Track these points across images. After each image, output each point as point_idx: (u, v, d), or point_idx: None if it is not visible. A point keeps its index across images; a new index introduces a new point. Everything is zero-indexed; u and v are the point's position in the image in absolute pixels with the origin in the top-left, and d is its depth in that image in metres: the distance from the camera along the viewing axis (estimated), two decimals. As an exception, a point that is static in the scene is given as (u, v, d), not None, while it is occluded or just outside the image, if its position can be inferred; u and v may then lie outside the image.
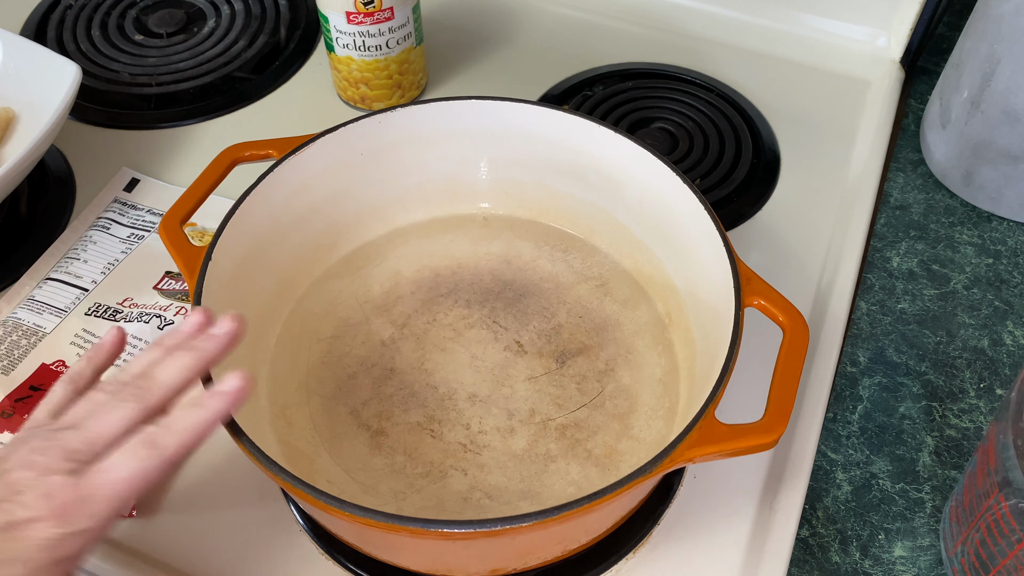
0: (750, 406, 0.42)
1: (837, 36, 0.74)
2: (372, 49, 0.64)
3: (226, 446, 0.51)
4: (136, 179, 0.64)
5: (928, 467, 0.52)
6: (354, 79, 0.68)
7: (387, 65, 0.66)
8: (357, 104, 0.70)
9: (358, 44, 0.64)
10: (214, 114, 0.70)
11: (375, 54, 0.65)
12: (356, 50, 0.65)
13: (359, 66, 0.66)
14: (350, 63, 0.66)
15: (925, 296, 0.60)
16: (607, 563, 0.47)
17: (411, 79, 0.69)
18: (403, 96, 0.69)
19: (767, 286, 0.45)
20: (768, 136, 0.68)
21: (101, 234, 0.60)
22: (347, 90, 0.69)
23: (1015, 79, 0.58)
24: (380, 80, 0.67)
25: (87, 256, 0.58)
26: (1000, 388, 0.55)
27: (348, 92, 0.69)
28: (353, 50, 0.65)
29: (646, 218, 0.54)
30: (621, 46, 0.75)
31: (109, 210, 0.62)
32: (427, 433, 0.49)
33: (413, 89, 0.70)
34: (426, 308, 0.55)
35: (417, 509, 0.46)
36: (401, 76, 0.68)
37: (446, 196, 0.58)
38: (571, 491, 0.47)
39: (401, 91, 0.69)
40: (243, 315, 0.40)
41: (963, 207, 0.65)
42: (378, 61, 0.66)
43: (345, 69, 0.67)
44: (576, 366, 0.52)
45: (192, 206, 0.49)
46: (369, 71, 0.66)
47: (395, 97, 0.69)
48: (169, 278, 0.56)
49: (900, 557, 0.48)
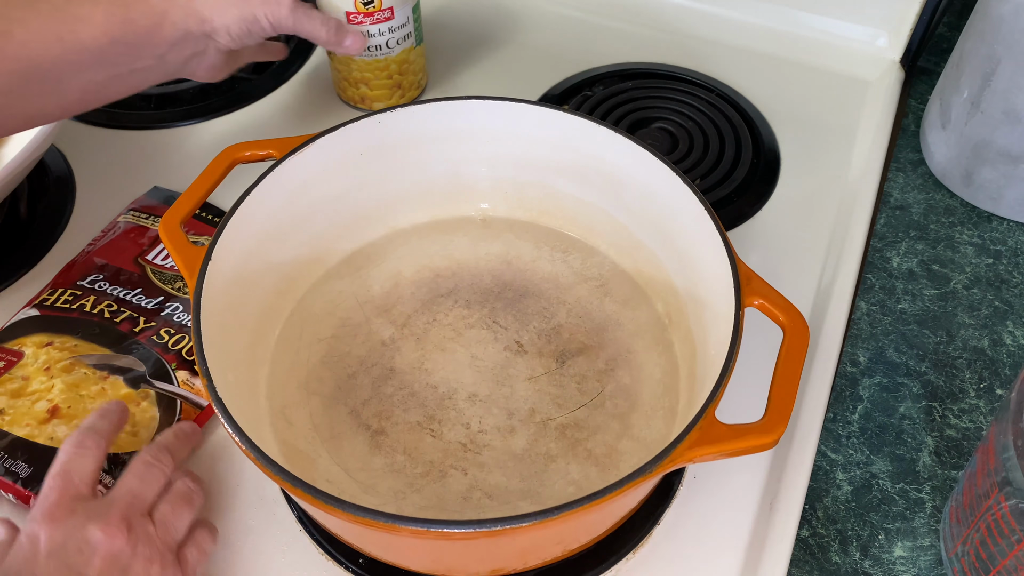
0: (750, 406, 0.42)
1: (837, 36, 0.74)
2: (372, 49, 0.65)
3: (226, 446, 0.51)
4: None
5: (928, 467, 0.52)
6: (354, 79, 0.68)
7: (387, 65, 0.66)
8: (357, 104, 0.70)
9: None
10: (214, 114, 0.70)
11: (375, 54, 0.65)
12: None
13: (359, 66, 0.66)
14: (350, 63, 0.66)
15: (925, 296, 0.60)
16: (607, 563, 0.47)
17: (411, 79, 0.69)
18: (403, 96, 0.70)
19: (767, 286, 0.45)
20: (768, 136, 0.68)
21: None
22: (347, 90, 0.69)
23: (1015, 79, 0.58)
24: (380, 80, 0.67)
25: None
26: (1000, 388, 0.55)
27: (348, 92, 0.69)
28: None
29: (646, 218, 0.54)
30: (621, 46, 0.75)
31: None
32: (427, 433, 0.49)
33: (413, 89, 0.70)
34: (426, 308, 0.55)
35: (417, 509, 0.46)
36: (401, 76, 0.68)
37: (446, 196, 0.58)
38: (571, 491, 0.47)
39: (401, 91, 0.69)
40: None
41: (963, 207, 0.65)
42: (378, 61, 0.66)
43: (345, 69, 0.67)
44: (576, 366, 0.52)
45: (192, 206, 0.49)
46: (369, 71, 0.67)
47: (395, 97, 0.69)
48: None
49: (900, 557, 0.48)
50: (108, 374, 0.52)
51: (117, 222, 0.61)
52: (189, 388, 0.52)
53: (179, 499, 0.44)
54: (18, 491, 0.47)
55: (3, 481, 0.47)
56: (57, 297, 0.56)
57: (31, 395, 0.51)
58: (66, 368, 0.52)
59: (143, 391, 0.51)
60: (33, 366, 0.52)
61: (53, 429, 0.49)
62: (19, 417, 0.50)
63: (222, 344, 0.45)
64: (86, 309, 0.55)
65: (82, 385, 0.51)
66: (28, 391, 0.51)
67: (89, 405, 0.50)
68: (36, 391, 0.51)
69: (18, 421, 0.50)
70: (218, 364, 0.42)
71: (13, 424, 0.49)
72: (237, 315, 0.48)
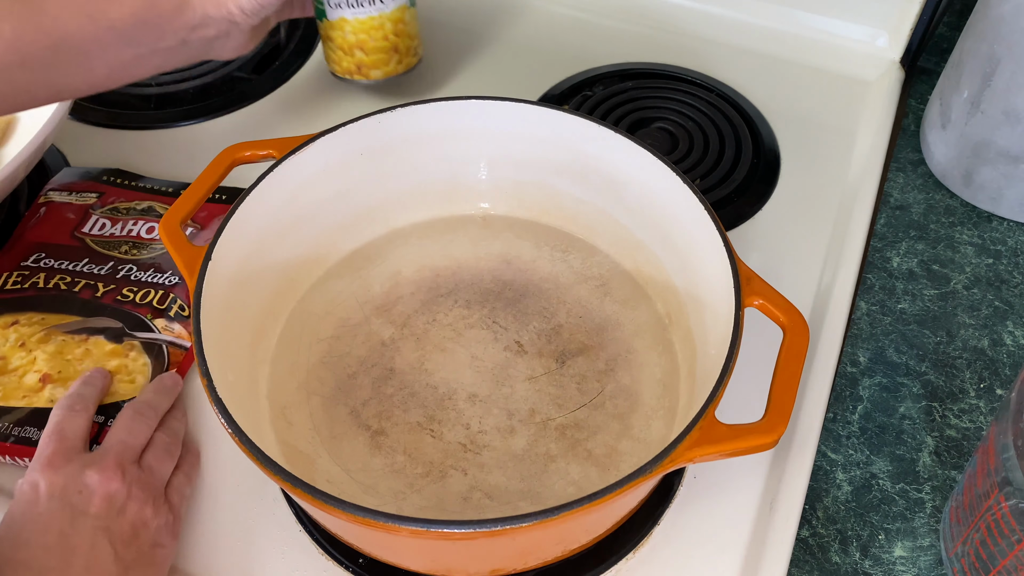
0: (750, 406, 0.42)
1: (837, 36, 0.74)
2: (366, 4, 0.62)
3: (226, 446, 0.51)
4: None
5: (928, 467, 0.52)
6: (349, 45, 0.65)
7: (382, 24, 0.64)
8: (353, 75, 0.66)
9: (351, 1, 0.62)
10: (214, 114, 0.70)
11: (368, 10, 0.63)
12: (349, 8, 0.62)
13: (353, 27, 0.63)
14: (344, 26, 0.63)
15: (925, 296, 0.60)
16: (607, 563, 0.47)
17: (407, 43, 0.66)
18: (400, 63, 0.66)
19: (767, 286, 0.45)
20: (768, 136, 0.68)
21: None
22: (342, 61, 0.66)
23: (1015, 79, 0.58)
24: (376, 43, 0.64)
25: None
26: (1000, 388, 0.55)
27: (344, 64, 0.66)
28: (346, 8, 0.62)
29: (646, 218, 0.54)
30: (621, 46, 0.75)
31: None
32: (427, 433, 0.49)
33: (410, 55, 0.67)
34: (426, 308, 0.55)
35: (417, 509, 0.46)
36: (397, 38, 0.65)
37: (446, 196, 0.58)
38: (571, 491, 0.47)
39: (399, 56, 0.66)
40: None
41: (963, 207, 0.65)
42: (372, 19, 0.63)
43: (339, 34, 0.64)
44: (576, 366, 0.52)
45: (192, 206, 0.49)
46: (364, 32, 0.64)
47: (392, 63, 0.66)
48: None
49: (900, 557, 0.48)
50: (88, 336, 0.53)
51: (39, 205, 0.61)
52: (171, 333, 0.54)
53: (162, 450, 0.47)
54: (33, 452, 0.48)
55: (17, 447, 0.49)
56: (4, 281, 0.56)
57: (15, 371, 0.52)
58: (42, 339, 0.53)
59: (128, 344, 0.53)
60: (5, 346, 0.53)
61: (51, 392, 0.51)
62: (10, 392, 0.51)
63: (222, 344, 0.45)
64: (40, 285, 0.56)
65: (65, 351, 0.52)
66: (10, 368, 0.52)
67: (78, 367, 0.52)
68: (19, 367, 0.52)
69: (12, 395, 0.51)
70: (218, 364, 0.42)
71: (9, 398, 0.50)
72: (237, 315, 0.48)
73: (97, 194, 0.61)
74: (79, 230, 0.59)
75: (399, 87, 0.71)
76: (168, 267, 0.57)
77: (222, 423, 0.40)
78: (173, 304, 0.55)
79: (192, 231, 0.59)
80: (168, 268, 0.57)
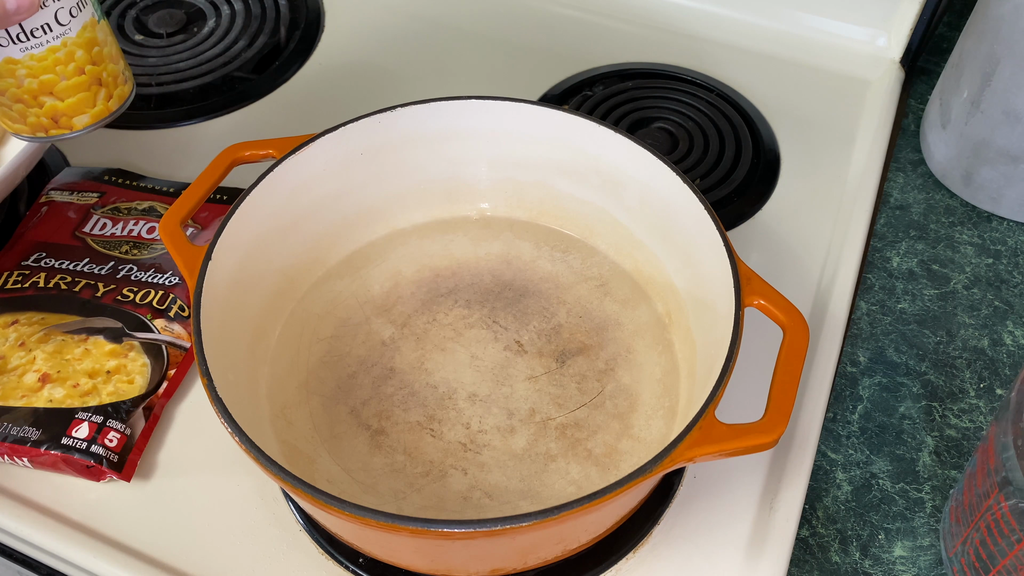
0: (750, 406, 0.42)
1: (837, 36, 0.74)
2: (39, 33, 0.45)
3: (226, 446, 0.51)
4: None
5: (928, 467, 0.52)
6: (32, 91, 0.47)
7: (70, 54, 0.47)
8: (51, 131, 0.49)
9: (14, 35, 0.45)
10: (214, 114, 0.70)
11: (46, 38, 0.45)
12: (16, 43, 0.45)
13: (30, 69, 0.46)
14: (13, 70, 0.46)
15: (925, 296, 0.60)
16: (607, 563, 0.47)
17: (112, 69, 0.49)
18: (110, 97, 0.50)
19: (767, 286, 0.45)
20: (768, 136, 0.68)
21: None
22: (27, 115, 0.48)
23: (1015, 79, 0.58)
24: (70, 80, 0.48)
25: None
26: (1000, 388, 0.55)
27: (30, 118, 0.48)
28: (12, 45, 0.45)
29: (646, 218, 0.54)
30: (621, 46, 0.75)
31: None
32: (427, 432, 0.49)
33: (121, 84, 0.51)
34: (426, 308, 0.55)
35: (417, 509, 0.46)
36: (96, 66, 0.48)
37: (446, 196, 0.58)
38: (571, 491, 0.47)
39: (106, 90, 0.49)
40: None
41: (963, 207, 0.65)
42: (55, 51, 0.46)
43: (11, 83, 0.46)
44: (576, 366, 0.52)
45: (192, 206, 0.49)
46: (47, 70, 0.47)
47: (100, 100, 0.49)
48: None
49: (900, 557, 0.48)
50: (87, 336, 0.53)
51: (41, 204, 0.61)
52: (170, 334, 0.53)
53: None
54: (31, 452, 0.48)
55: (15, 447, 0.48)
56: (5, 280, 0.56)
57: (14, 371, 0.52)
58: (42, 339, 0.53)
59: (127, 344, 0.53)
60: (4, 345, 0.53)
61: (49, 392, 0.50)
62: (9, 392, 0.51)
63: (222, 344, 0.45)
64: (40, 285, 0.56)
65: (64, 350, 0.52)
66: (9, 368, 0.52)
67: (77, 367, 0.51)
68: (18, 366, 0.52)
69: (11, 395, 0.50)
70: (218, 364, 0.42)
71: (8, 398, 0.50)
72: (237, 315, 0.48)
73: (98, 194, 0.62)
74: (80, 230, 0.59)
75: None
76: (169, 267, 0.57)
77: (222, 423, 0.40)
78: (173, 304, 0.55)
79: (192, 231, 0.59)
80: (169, 268, 0.57)
